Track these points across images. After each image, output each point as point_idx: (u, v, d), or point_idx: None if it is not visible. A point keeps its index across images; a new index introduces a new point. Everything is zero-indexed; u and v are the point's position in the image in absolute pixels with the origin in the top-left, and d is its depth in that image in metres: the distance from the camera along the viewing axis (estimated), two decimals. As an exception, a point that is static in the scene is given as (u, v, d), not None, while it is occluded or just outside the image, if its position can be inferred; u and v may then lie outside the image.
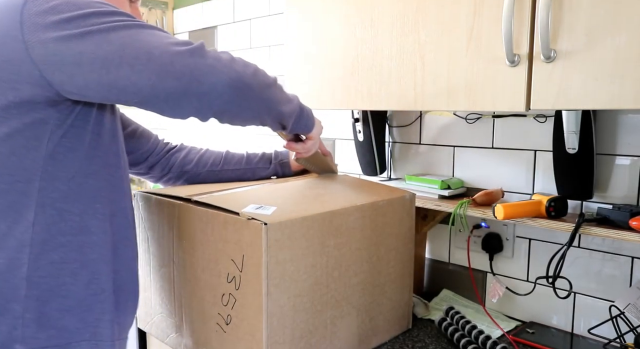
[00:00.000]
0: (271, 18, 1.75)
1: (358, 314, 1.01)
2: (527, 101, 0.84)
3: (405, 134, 1.41)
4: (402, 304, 1.12)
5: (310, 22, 1.17)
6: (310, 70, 1.18)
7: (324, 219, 0.91)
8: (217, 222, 0.89)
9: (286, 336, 0.87)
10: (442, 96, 0.94)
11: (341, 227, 0.94)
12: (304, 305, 0.89)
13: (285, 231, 0.84)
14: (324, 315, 0.93)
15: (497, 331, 1.14)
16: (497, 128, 1.23)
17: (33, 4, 0.69)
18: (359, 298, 1.00)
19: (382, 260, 1.05)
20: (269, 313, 0.83)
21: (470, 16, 0.89)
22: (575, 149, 1.04)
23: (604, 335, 1.04)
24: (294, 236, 0.86)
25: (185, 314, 1.00)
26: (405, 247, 1.11)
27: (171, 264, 1.01)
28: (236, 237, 0.86)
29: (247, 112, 0.81)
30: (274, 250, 0.82)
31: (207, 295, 0.93)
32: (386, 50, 1.02)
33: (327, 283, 0.93)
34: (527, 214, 1.03)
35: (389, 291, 1.08)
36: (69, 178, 0.76)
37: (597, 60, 0.75)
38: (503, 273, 1.26)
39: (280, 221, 0.83)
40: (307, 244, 0.88)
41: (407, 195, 1.10)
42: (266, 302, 0.83)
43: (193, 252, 0.95)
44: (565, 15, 0.78)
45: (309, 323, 0.90)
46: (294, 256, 0.86)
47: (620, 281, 1.08)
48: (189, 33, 2.08)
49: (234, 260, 0.87)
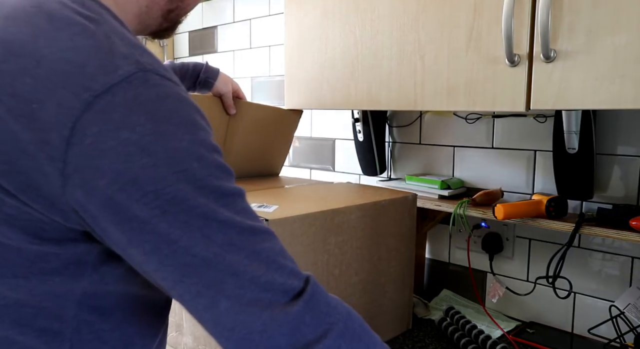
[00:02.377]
0: (271, 18, 1.75)
1: (358, 313, 1.00)
2: (527, 101, 0.84)
3: (405, 134, 1.41)
4: (402, 304, 1.12)
5: (310, 22, 1.17)
6: (310, 70, 1.18)
7: (325, 217, 0.91)
8: None
9: None
10: (442, 95, 0.94)
11: (343, 225, 0.94)
12: None
13: (287, 228, 0.84)
14: None
15: (497, 331, 1.14)
16: (497, 128, 1.23)
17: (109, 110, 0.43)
18: (359, 297, 1.00)
19: (383, 260, 1.05)
20: None
21: (470, 16, 0.89)
22: (575, 149, 1.04)
23: (604, 335, 1.04)
24: (296, 233, 0.86)
25: (186, 313, 1.00)
26: (407, 247, 1.11)
27: None
28: None
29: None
30: None
31: None
32: (386, 50, 1.02)
33: (328, 280, 0.93)
34: (527, 214, 1.03)
35: (389, 291, 1.08)
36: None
37: (597, 60, 0.75)
38: (503, 273, 1.26)
39: (282, 217, 0.83)
40: (309, 241, 0.88)
41: (410, 195, 1.10)
42: None
43: None
44: (565, 15, 0.78)
45: None
46: (296, 253, 0.86)
47: (620, 281, 1.08)
48: (188, 33, 2.08)
49: None
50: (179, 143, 0.46)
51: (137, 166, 0.44)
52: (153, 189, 0.45)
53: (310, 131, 1.67)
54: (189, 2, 0.67)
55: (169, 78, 0.49)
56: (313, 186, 1.17)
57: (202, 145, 0.48)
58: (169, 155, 0.45)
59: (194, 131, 0.48)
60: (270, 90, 1.78)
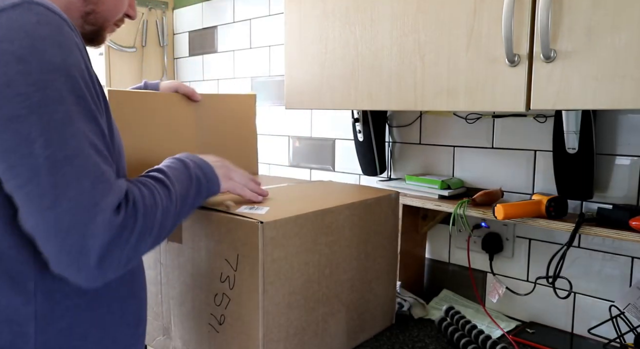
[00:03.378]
0: (271, 18, 1.75)
1: (347, 310, 1.02)
2: (527, 100, 0.84)
3: (405, 134, 1.41)
4: (387, 300, 1.15)
5: (310, 22, 1.16)
6: (310, 70, 1.18)
7: (316, 217, 0.92)
8: (209, 222, 0.89)
9: (281, 333, 0.88)
10: (442, 95, 0.94)
11: (332, 225, 0.96)
12: (297, 303, 0.90)
13: (280, 230, 0.85)
14: (316, 312, 0.95)
15: (497, 331, 1.14)
16: (497, 128, 1.23)
17: None
18: (348, 294, 1.02)
19: (370, 257, 1.07)
20: (265, 311, 0.84)
21: (470, 16, 0.89)
22: (575, 149, 1.04)
23: (604, 335, 1.04)
24: (288, 234, 0.87)
25: (175, 316, 1.00)
26: (391, 244, 1.14)
27: (158, 266, 1.00)
28: (230, 237, 0.86)
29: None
30: (270, 248, 0.83)
31: (198, 296, 0.93)
32: (386, 50, 1.02)
33: (319, 280, 0.94)
34: (527, 214, 1.03)
35: (375, 288, 1.10)
36: None
37: (597, 60, 0.75)
38: (503, 273, 1.26)
39: (276, 219, 0.84)
40: (301, 242, 0.89)
41: (393, 194, 1.13)
42: (262, 300, 0.83)
43: (182, 253, 0.95)
44: (565, 15, 0.78)
45: (302, 320, 0.92)
46: (289, 254, 0.87)
47: (620, 281, 1.08)
48: (188, 33, 2.08)
49: (227, 260, 0.87)
50: (52, 58, 0.57)
51: (12, 72, 0.55)
52: (24, 91, 0.55)
53: (310, 131, 1.67)
54: (106, 8, 0.75)
55: (54, 11, 0.59)
56: (296, 185, 1.17)
57: (73, 66, 0.59)
58: (42, 66, 0.56)
59: (68, 53, 0.59)
60: (270, 90, 1.78)
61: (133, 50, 2.01)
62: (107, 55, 1.95)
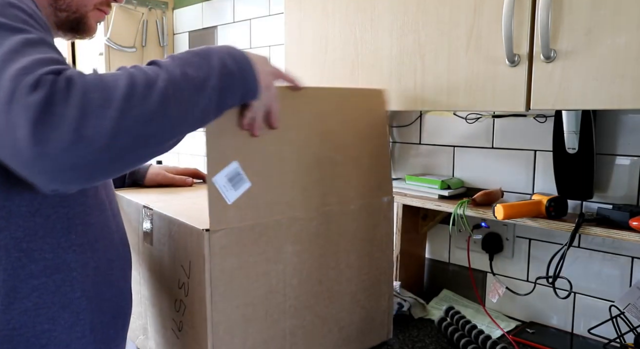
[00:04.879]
0: (271, 18, 1.75)
1: (324, 323, 0.95)
2: (527, 100, 0.84)
3: (405, 134, 1.41)
4: (379, 312, 1.07)
5: (310, 22, 1.17)
6: (310, 70, 1.18)
7: (280, 226, 0.86)
8: (171, 225, 0.86)
9: (235, 345, 0.82)
10: (442, 95, 0.94)
11: (301, 233, 0.89)
12: (256, 314, 0.84)
13: (233, 238, 0.79)
14: (282, 325, 0.88)
15: (497, 331, 1.14)
16: (497, 128, 1.23)
17: None
18: (324, 306, 0.95)
19: (353, 267, 0.99)
20: (213, 322, 0.79)
21: (471, 16, 0.89)
22: (575, 149, 1.04)
23: (604, 335, 1.04)
24: (243, 242, 0.81)
25: (149, 317, 0.99)
26: (383, 253, 1.05)
27: (138, 266, 1.00)
28: (183, 242, 0.82)
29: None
30: (219, 258, 0.78)
31: (164, 300, 0.92)
32: (386, 50, 1.02)
33: (285, 291, 0.88)
34: (527, 214, 1.03)
35: (362, 300, 1.02)
36: (33, 212, 0.65)
37: (597, 60, 0.75)
38: (503, 273, 1.26)
39: (226, 228, 0.78)
40: (260, 250, 0.83)
41: (386, 199, 1.04)
42: (210, 310, 0.78)
43: (152, 255, 0.94)
44: (565, 15, 0.78)
45: (264, 333, 0.86)
46: (244, 264, 0.81)
47: (620, 281, 1.08)
48: (189, 33, 2.08)
49: (182, 266, 0.83)
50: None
51: None
52: None
53: (310, 131, 1.67)
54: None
55: None
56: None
57: (13, 6, 0.60)
58: None
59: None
60: (270, 90, 1.77)
61: (133, 51, 2.01)
62: (107, 55, 1.95)
